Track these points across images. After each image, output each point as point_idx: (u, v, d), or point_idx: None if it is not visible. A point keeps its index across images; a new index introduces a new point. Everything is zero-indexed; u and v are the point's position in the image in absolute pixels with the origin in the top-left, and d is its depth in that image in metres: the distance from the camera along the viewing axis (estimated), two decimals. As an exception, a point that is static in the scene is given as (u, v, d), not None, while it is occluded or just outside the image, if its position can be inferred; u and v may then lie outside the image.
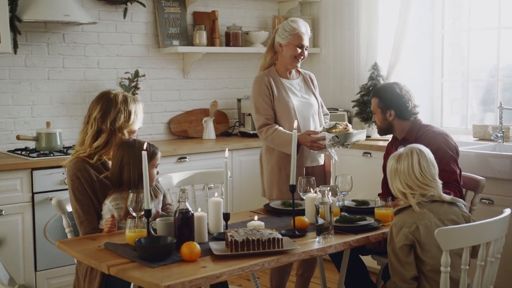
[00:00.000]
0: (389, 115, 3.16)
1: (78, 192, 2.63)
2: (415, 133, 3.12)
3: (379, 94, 3.20)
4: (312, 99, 3.56)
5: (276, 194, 3.42)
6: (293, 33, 3.43)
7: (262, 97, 3.42)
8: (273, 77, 3.48)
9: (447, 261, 2.19)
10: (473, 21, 4.73)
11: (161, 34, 4.75)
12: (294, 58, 3.45)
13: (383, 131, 3.27)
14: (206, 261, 2.21)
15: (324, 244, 2.41)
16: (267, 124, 3.40)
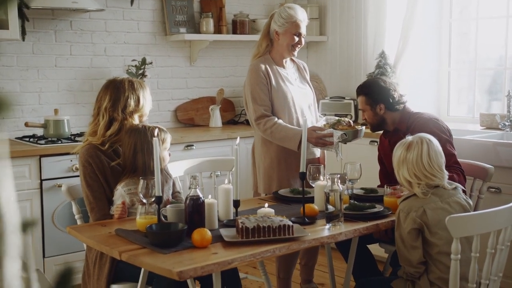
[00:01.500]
0: (379, 109, 3.14)
1: (90, 178, 2.65)
2: (406, 122, 3.12)
3: (365, 91, 3.19)
4: (308, 89, 3.48)
5: (276, 189, 3.29)
6: (290, 20, 3.30)
7: (260, 87, 3.28)
8: (270, 65, 3.34)
9: (457, 249, 2.20)
10: (481, 9, 4.71)
11: (168, 21, 4.74)
12: (292, 46, 3.33)
13: (375, 127, 3.23)
14: (217, 248, 2.22)
15: (334, 231, 2.42)
16: (265, 115, 3.26)
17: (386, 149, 3.22)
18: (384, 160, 3.26)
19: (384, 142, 3.27)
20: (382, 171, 3.33)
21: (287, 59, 3.43)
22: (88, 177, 2.65)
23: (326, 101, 5.09)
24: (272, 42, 3.39)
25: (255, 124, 3.31)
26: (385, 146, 3.25)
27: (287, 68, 3.42)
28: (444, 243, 2.37)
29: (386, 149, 3.21)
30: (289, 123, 3.28)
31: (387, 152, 3.19)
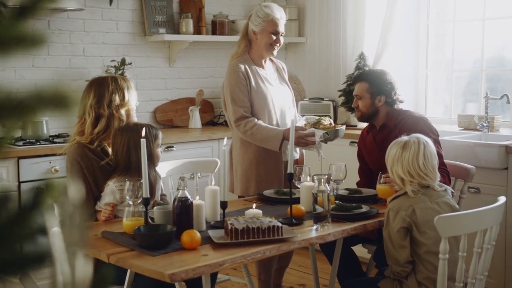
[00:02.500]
0: (379, 100, 3.11)
1: (77, 176, 2.61)
2: (394, 119, 3.11)
3: (369, 78, 3.15)
4: (287, 90, 3.44)
5: (254, 190, 3.29)
6: (267, 19, 3.26)
7: (239, 87, 3.24)
8: (249, 65, 3.30)
9: (445, 248, 2.22)
10: (458, 12, 4.77)
11: (148, 22, 4.70)
12: (270, 45, 3.28)
13: (366, 117, 3.18)
14: (206, 249, 2.20)
15: (323, 232, 2.42)
16: (245, 117, 3.22)
17: (368, 146, 3.22)
18: (366, 157, 3.26)
19: (367, 139, 3.25)
20: (362, 168, 3.32)
21: (266, 59, 3.39)
22: (75, 176, 2.62)
23: (305, 102, 5.11)
24: (250, 43, 3.35)
25: (235, 125, 3.27)
26: (368, 142, 3.23)
27: (266, 68, 3.39)
28: (433, 243, 2.40)
29: (369, 145, 3.21)
30: (269, 124, 3.26)
31: (370, 148, 3.19)
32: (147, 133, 2.59)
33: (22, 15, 0.51)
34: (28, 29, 0.52)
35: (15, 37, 0.49)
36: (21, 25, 0.50)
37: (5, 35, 0.49)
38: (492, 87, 4.59)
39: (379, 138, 3.14)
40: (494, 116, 4.26)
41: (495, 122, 4.23)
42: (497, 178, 3.65)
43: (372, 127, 3.23)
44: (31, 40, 0.50)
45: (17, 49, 0.51)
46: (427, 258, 2.43)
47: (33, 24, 4.21)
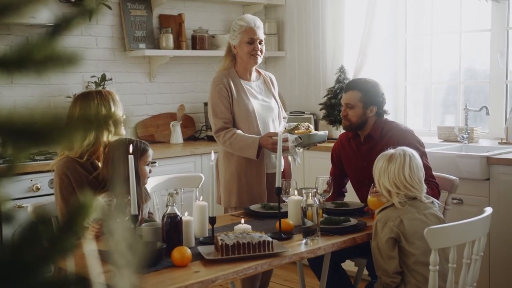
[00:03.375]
0: (370, 111, 3.08)
1: (66, 191, 2.58)
2: (379, 130, 3.09)
3: (363, 88, 3.10)
4: (273, 102, 3.45)
5: (236, 202, 3.30)
6: (241, 30, 3.30)
7: (220, 99, 3.28)
8: (233, 78, 3.33)
9: (435, 260, 2.23)
10: (435, 25, 4.84)
11: (127, 37, 4.68)
12: (250, 55, 3.30)
13: (354, 127, 3.12)
14: (197, 266, 2.18)
15: (313, 246, 2.42)
16: (225, 128, 3.26)
17: (349, 154, 3.17)
18: (346, 164, 3.22)
19: (347, 146, 3.21)
20: (335, 173, 3.29)
21: (252, 71, 3.41)
22: (64, 190, 2.59)
23: (286, 115, 5.11)
24: (235, 57, 3.39)
25: (215, 136, 3.32)
26: (348, 150, 3.20)
27: (252, 81, 3.41)
28: (421, 253, 2.42)
29: (350, 154, 3.17)
30: (251, 133, 3.27)
31: (351, 156, 3.15)
32: (133, 149, 2.56)
33: (56, 33, 0.50)
34: (63, 48, 0.51)
35: (50, 56, 0.48)
36: (56, 44, 0.49)
37: (41, 55, 0.48)
38: (469, 99, 4.65)
39: (364, 148, 3.11)
40: (473, 127, 4.31)
41: (474, 133, 4.29)
42: (479, 189, 3.69)
43: (355, 136, 3.19)
44: (68, 59, 0.49)
45: (53, 68, 0.50)
46: (416, 268, 2.45)
47: (11, 41, 4.17)
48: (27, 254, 0.51)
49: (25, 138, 0.47)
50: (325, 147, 4.53)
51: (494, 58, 4.36)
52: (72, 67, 0.51)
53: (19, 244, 0.53)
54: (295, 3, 5.35)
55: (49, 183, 3.70)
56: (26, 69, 0.49)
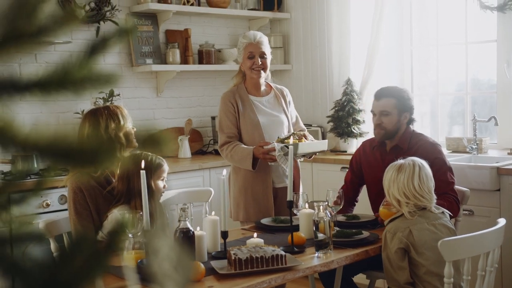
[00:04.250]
0: (404, 117, 3.04)
1: (80, 205, 2.59)
2: (407, 141, 3.05)
3: (396, 94, 3.04)
4: (282, 116, 3.43)
5: (243, 216, 3.32)
6: (243, 47, 3.36)
7: (226, 114, 3.33)
8: (241, 94, 3.38)
9: (450, 272, 2.22)
10: (441, 36, 4.85)
11: (134, 52, 4.71)
12: (251, 70, 3.34)
13: (389, 136, 3.05)
14: (211, 281, 2.18)
15: (326, 259, 2.41)
16: (228, 142, 3.31)
17: (372, 163, 3.11)
18: (367, 173, 3.18)
19: (371, 155, 3.15)
20: (351, 180, 3.26)
21: (262, 86, 3.42)
22: (78, 204, 2.59)
23: (304, 127, 5.11)
24: (245, 74, 3.43)
25: (220, 151, 3.38)
26: (371, 159, 3.14)
27: (261, 95, 3.42)
28: (431, 263, 2.41)
29: (373, 163, 3.10)
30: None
31: (374, 165, 3.09)
32: (146, 164, 2.56)
33: (93, 53, 0.50)
34: (100, 68, 0.51)
35: (89, 76, 0.49)
36: (93, 64, 0.50)
37: (80, 75, 0.48)
38: (476, 110, 4.65)
39: (389, 159, 2.97)
40: (482, 138, 4.30)
41: (483, 144, 4.28)
42: (490, 200, 3.68)
43: (380, 145, 3.12)
44: (105, 78, 0.49)
45: (91, 88, 0.51)
46: (427, 279, 2.44)
47: (20, 59, 4.19)
48: (64, 273, 0.51)
49: (70, 160, 0.47)
50: (333, 159, 4.54)
51: (501, 68, 4.36)
52: (110, 87, 0.52)
53: (55, 263, 0.54)
54: (300, 16, 5.38)
55: (59, 199, 3.71)
56: (65, 89, 0.49)
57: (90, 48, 0.51)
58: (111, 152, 0.54)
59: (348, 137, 4.73)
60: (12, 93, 0.50)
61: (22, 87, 0.49)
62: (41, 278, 0.50)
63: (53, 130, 0.46)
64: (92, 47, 0.51)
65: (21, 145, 0.45)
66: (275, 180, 3.34)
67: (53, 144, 0.45)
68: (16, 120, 0.49)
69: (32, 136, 0.45)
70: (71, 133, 0.47)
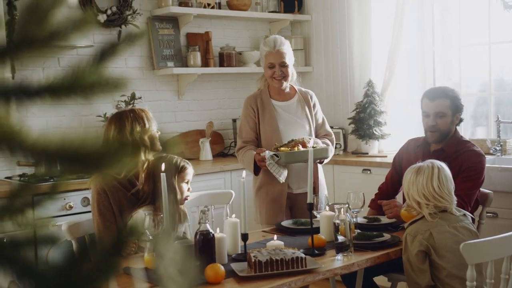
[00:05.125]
0: (456, 118, 3.00)
1: (103, 206, 2.62)
2: (454, 146, 2.97)
3: (449, 94, 2.98)
4: (304, 122, 3.39)
5: (261, 219, 3.35)
6: (263, 55, 3.35)
7: (246, 119, 3.35)
8: (263, 98, 3.37)
9: (472, 275, 2.20)
10: (463, 37, 4.80)
11: (156, 56, 4.74)
12: (272, 79, 3.31)
13: (443, 137, 2.99)
14: (231, 283, 2.18)
15: (347, 262, 2.40)
16: (243, 147, 3.32)
17: (411, 159, 2.99)
18: (404, 167, 3.03)
19: (413, 154, 3.08)
20: (392, 177, 3.23)
21: (286, 90, 3.40)
22: (101, 205, 2.62)
23: (330, 131, 5.08)
24: None
25: (236, 155, 3.41)
26: (412, 155, 3.06)
27: (284, 100, 3.40)
28: (453, 266, 2.39)
29: (412, 159, 2.97)
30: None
31: (411, 161, 2.94)
32: (169, 166, 2.59)
33: (103, 59, 0.51)
34: (110, 73, 0.52)
35: (98, 82, 0.49)
36: (103, 69, 0.50)
37: (89, 80, 0.49)
38: (500, 111, 4.59)
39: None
40: (506, 139, 4.25)
41: (507, 145, 4.22)
42: (513, 202, 3.63)
43: (425, 144, 3.07)
44: (114, 84, 0.50)
45: (101, 93, 0.51)
46: (448, 282, 2.41)
47: (43, 63, 4.25)
48: (75, 274, 0.52)
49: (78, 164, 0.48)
50: (355, 161, 4.51)
51: (525, 69, 4.30)
52: (119, 92, 0.52)
53: (66, 264, 0.54)
54: (321, 18, 5.36)
55: (81, 201, 3.74)
56: (75, 94, 0.50)
57: (100, 54, 0.52)
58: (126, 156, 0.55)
59: (369, 139, 4.70)
60: (22, 98, 0.51)
61: (33, 93, 0.50)
62: (54, 280, 0.51)
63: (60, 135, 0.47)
64: (101, 53, 0.52)
65: (29, 150, 0.46)
66: (293, 186, 3.32)
67: (60, 149, 0.45)
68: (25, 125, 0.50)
69: (40, 142, 0.45)
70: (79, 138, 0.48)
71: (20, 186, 0.69)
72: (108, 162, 0.49)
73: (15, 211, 0.67)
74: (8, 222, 0.74)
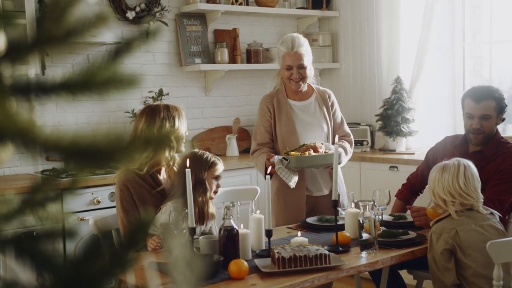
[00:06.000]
0: (499, 119, 2.93)
1: (127, 202, 2.65)
2: (494, 148, 2.91)
3: (495, 95, 2.91)
4: (322, 122, 3.28)
5: (274, 222, 3.13)
6: (281, 55, 3.20)
7: (262, 121, 3.27)
8: (280, 97, 3.26)
9: (499, 275, 2.17)
10: (494, 33, 4.73)
11: (183, 52, 4.77)
12: (288, 80, 3.19)
13: (487, 139, 2.91)
14: (254, 279, 2.19)
15: (371, 259, 2.39)
16: (257, 149, 3.23)
17: (447, 156, 2.82)
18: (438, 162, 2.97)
19: (449, 150, 3.04)
20: (422, 171, 3.18)
21: (304, 90, 3.28)
22: (124, 201, 2.65)
23: (349, 133, 5.06)
24: None
25: (251, 158, 3.32)
26: (448, 154, 2.95)
27: (301, 100, 3.29)
28: (479, 265, 2.36)
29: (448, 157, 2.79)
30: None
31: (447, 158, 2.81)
32: (200, 161, 2.61)
33: (117, 55, 0.52)
34: (124, 69, 0.53)
35: (112, 78, 0.50)
36: (117, 66, 0.51)
37: (103, 77, 0.50)
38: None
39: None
40: (537, 137, 4.17)
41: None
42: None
43: (463, 143, 3.01)
44: (128, 80, 0.51)
45: (114, 90, 0.52)
46: (474, 281, 2.38)
47: (73, 59, 4.31)
48: (90, 267, 0.53)
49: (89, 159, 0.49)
50: (382, 158, 4.48)
51: (558, 65, 4.21)
52: (132, 88, 0.53)
53: (81, 258, 0.55)
54: (349, 15, 5.33)
55: (109, 196, 3.79)
56: (89, 90, 0.51)
57: (114, 51, 0.53)
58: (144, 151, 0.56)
59: (397, 136, 4.66)
60: (38, 94, 0.52)
61: (48, 89, 0.51)
62: (69, 272, 0.52)
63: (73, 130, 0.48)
64: (116, 50, 0.53)
65: (42, 145, 0.47)
66: (312, 188, 3.22)
67: (72, 144, 0.47)
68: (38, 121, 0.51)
69: (53, 137, 0.47)
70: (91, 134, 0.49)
71: (42, 180, 0.70)
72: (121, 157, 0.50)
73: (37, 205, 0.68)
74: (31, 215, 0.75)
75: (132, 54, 0.55)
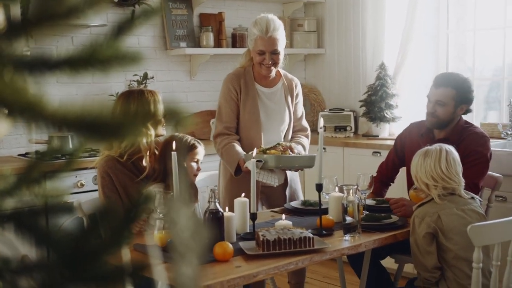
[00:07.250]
0: (460, 109, 2.97)
1: (108, 189, 2.65)
2: (458, 134, 2.97)
3: (457, 86, 2.95)
4: (285, 113, 3.17)
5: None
6: (253, 38, 3.03)
7: (227, 101, 3.10)
8: (247, 79, 3.10)
9: (479, 257, 2.22)
10: (478, 20, 4.77)
11: (169, 36, 4.75)
12: (260, 65, 3.03)
13: (440, 125, 2.98)
14: (239, 261, 2.22)
15: (354, 242, 2.42)
16: (224, 134, 3.08)
17: (415, 146, 2.94)
18: (407, 154, 3.09)
19: (415, 141, 3.07)
20: (393, 160, 3.22)
21: (272, 75, 3.12)
22: (106, 189, 2.66)
23: (326, 113, 5.11)
24: None
25: (213, 141, 3.17)
26: (415, 142, 3.05)
27: (268, 85, 3.15)
28: (460, 248, 2.41)
29: (416, 147, 2.90)
30: (252, 143, 3.06)
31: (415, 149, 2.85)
32: (179, 145, 2.62)
33: (119, 34, 0.53)
34: (126, 48, 0.54)
35: (115, 55, 0.51)
36: (120, 44, 0.52)
37: (107, 54, 0.51)
38: (510, 95, 4.57)
39: None
40: (517, 124, 4.24)
41: (518, 130, 4.21)
42: (523, 187, 3.63)
43: (429, 132, 3.06)
44: (131, 58, 0.52)
45: (117, 66, 0.53)
46: (455, 264, 2.43)
47: (57, 41, 4.27)
48: (89, 244, 0.54)
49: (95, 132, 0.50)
50: (365, 144, 4.52)
51: (539, 54, 4.27)
52: (135, 65, 0.54)
53: (81, 234, 0.57)
54: (335, 0, 5.34)
55: (93, 179, 3.79)
56: (92, 67, 0.52)
57: (117, 29, 0.54)
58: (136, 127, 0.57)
59: (380, 121, 4.71)
60: (43, 70, 0.53)
61: (53, 65, 0.52)
62: (70, 247, 0.53)
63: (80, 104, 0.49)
64: (119, 28, 0.54)
65: (50, 119, 0.48)
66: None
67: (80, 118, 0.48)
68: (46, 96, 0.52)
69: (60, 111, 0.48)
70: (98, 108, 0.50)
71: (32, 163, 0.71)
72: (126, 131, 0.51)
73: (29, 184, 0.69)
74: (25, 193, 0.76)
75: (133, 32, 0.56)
